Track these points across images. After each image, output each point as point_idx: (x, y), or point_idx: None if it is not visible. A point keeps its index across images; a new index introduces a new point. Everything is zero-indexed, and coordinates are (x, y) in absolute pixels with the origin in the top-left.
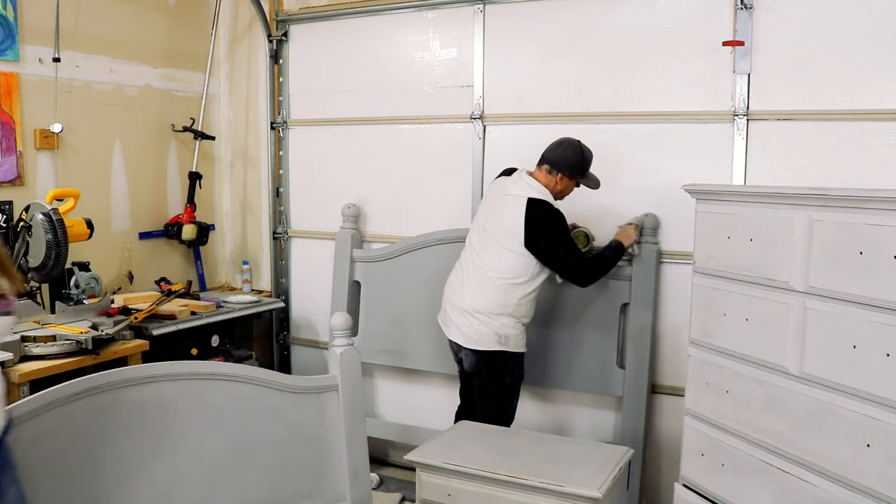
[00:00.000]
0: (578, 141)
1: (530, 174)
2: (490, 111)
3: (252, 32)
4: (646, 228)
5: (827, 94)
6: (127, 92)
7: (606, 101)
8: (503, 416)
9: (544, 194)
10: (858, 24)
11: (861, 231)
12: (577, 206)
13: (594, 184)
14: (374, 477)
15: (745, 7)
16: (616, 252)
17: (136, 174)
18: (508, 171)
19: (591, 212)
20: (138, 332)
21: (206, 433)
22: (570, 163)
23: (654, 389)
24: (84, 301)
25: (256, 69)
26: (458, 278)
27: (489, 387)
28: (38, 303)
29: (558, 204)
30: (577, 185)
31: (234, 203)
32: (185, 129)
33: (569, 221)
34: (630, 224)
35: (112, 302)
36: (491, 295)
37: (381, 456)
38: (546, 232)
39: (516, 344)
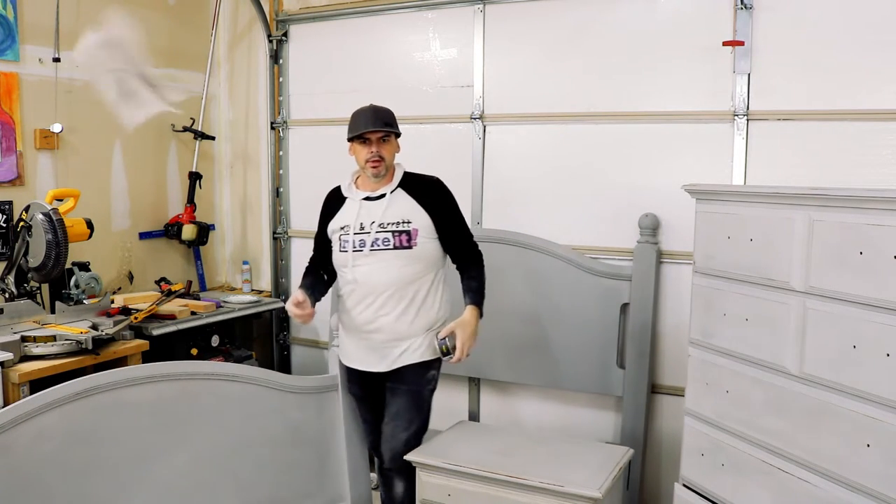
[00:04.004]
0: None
1: None
2: (490, 111)
3: (252, 32)
4: None
5: (827, 94)
6: None
7: (606, 100)
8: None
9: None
10: (858, 24)
11: (861, 231)
12: (577, 204)
13: (352, 132)
14: (374, 477)
15: (745, 7)
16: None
17: (136, 174)
18: None
19: (588, 211)
20: (138, 332)
21: (205, 433)
22: None
23: (654, 389)
24: (84, 301)
25: (256, 69)
26: None
27: None
28: (38, 303)
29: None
30: (357, 142)
31: (234, 203)
32: (185, 129)
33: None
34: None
35: (112, 302)
36: None
37: None
38: None
39: (339, 344)
